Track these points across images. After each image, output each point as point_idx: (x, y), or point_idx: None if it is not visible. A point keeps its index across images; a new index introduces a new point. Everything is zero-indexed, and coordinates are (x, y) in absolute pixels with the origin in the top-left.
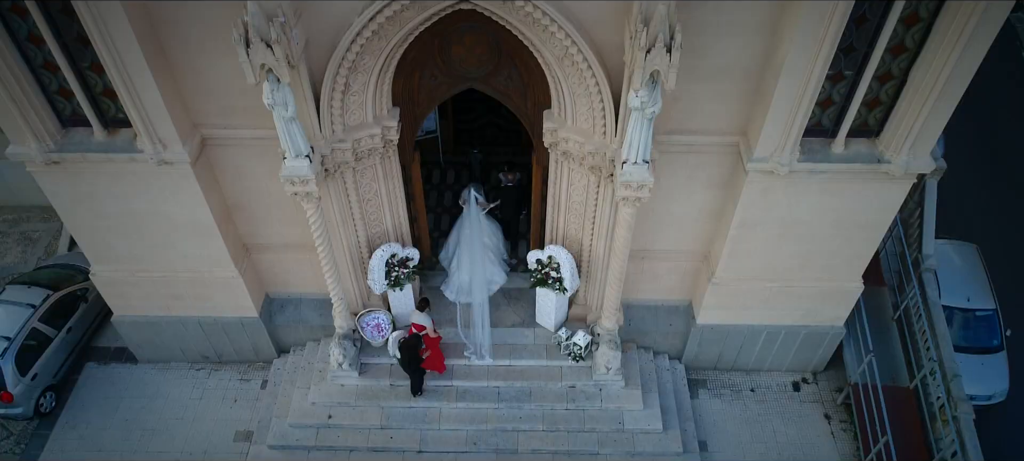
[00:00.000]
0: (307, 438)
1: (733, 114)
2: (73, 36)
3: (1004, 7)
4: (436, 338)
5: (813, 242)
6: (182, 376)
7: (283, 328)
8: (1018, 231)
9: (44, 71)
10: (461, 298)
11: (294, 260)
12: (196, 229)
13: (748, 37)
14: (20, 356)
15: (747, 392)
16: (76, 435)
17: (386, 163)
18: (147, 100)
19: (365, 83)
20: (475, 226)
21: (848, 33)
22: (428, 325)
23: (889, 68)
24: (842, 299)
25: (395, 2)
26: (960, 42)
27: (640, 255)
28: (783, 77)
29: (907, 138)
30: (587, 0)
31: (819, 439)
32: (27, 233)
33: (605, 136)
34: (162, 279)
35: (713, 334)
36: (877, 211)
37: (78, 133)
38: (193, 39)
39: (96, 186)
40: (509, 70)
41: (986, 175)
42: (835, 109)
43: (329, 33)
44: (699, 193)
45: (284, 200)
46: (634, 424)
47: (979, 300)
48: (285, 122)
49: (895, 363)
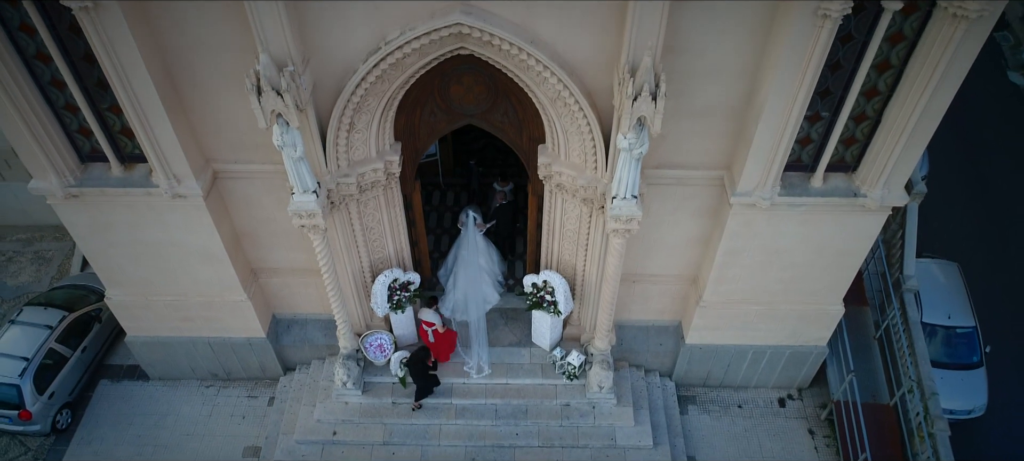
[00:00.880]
0: (313, 454)
1: (718, 150)
2: (93, 80)
3: (970, 55)
4: (446, 333)
5: (795, 269)
6: (192, 393)
7: (289, 348)
8: (999, 250)
9: (65, 111)
10: (457, 315)
11: (300, 283)
12: (207, 256)
13: (730, 81)
14: (38, 375)
15: (735, 408)
16: (91, 451)
17: (388, 194)
18: (162, 138)
19: (369, 121)
20: (472, 247)
21: (824, 78)
22: (436, 322)
23: (864, 109)
24: (824, 321)
25: (398, 50)
26: (929, 86)
27: (632, 278)
28: (763, 118)
29: (882, 173)
30: (578, 47)
31: (803, 454)
32: (40, 252)
33: (596, 171)
34: (174, 302)
35: (702, 353)
36: (855, 240)
37: (96, 168)
38: (205, 81)
39: (113, 217)
40: (505, 108)
41: (970, 194)
42: (814, 146)
43: (335, 77)
44: (687, 222)
45: (290, 228)
46: (626, 440)
47: (959, 318)
48: (294, 161)
49: (876, 381)
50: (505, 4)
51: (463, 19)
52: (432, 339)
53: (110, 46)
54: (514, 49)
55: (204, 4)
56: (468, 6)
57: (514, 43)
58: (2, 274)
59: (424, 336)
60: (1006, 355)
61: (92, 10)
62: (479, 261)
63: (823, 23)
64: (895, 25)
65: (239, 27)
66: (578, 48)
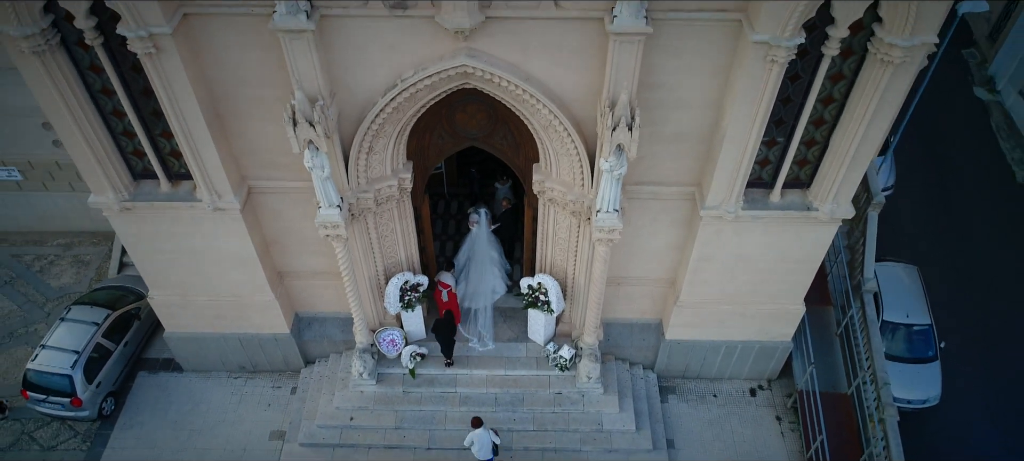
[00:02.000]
0: (332, 437)
1: (689, 169)
2: (149, 110)
3: (899, 92)
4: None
5: (760, 273)
6: (222, 384)
7: (310, 342)
8: (958, 253)
9: (122, 136)
10: (466, 303)
11: (320, 285)
12: (240, 261)
13: (697, 112)
14: (87, 367)
15: (710, 397)
16: (133, 435)
17: (401, 206)
18: (207, 159)
19: (385, 145)
20: (484, 243)
21: (777, 110)
22: (451, 283)
23: (813, 136)
24: (788, 319)
25: (412, 86)
26: (866, 118)
27: (616, 281)
28: (726, 143)
29: (831, 190)
30: (566, 83)
31: (771, 438)
32: (79, 256)
33: (583, 188)
34: (209, 302)
35: (680, 348)
36: (810, 248)
37: (147, 185)
38: (244, 111)
39: (159, 227)
40: (504, 132)
41: (934, 201)
42: (772, 167)
43: (357, 108)
44: (664, 231)
45: (313, 236)
46: (611, 425)
47: (917, 316)
48: (322, 180)
49: (836, 373)
50: (504, 48)
51: (468, 61)
52: (445, 298)
53: (167, 83)
54: (511, 85)
55: (247, 48)
56: (472, 50)
57: (511, 80)
58: (45, 276)
59: (438, 295)
60: (959, 350)
61: (155, 55)
62: (492, 253)
63: (772, 66)
64: (835, 67)
65: (275, 66)
66: (566, 84)
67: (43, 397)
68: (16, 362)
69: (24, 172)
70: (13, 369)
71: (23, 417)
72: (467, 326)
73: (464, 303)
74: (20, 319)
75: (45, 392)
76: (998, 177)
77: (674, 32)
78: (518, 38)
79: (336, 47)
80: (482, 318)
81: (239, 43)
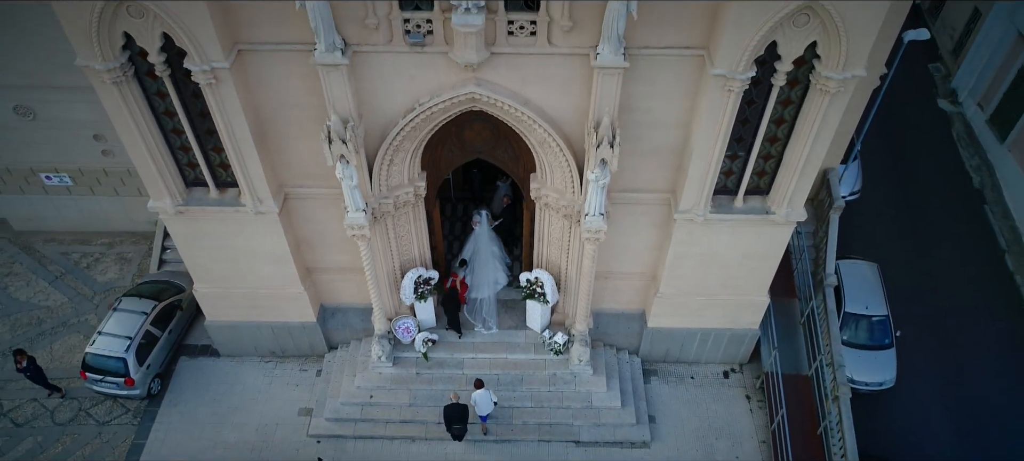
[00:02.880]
0: (354, 413)
1: (664, 178)
2: (204, 129)
3: (837, 115)
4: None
5: (727, 268)
6: (255, 367)
7: (333, 330)
8: (918, 252)
9: (179, 150)
10: (471, 293)
11: (343, 279)
12: (275, 258)
13: (670, 130)
14: (138, 351)
15: (688, 379)
16: (177, 411)
17: (416, 210)
18: (251, 171)
19: (404, 158)
20: (486, 240)
21: (737, 128)
22: (462, 274)
23: (769, 150)
24: (754, 309)
25: (427, 109)
26: (810, 137)
27: (604, 275)
28: (694, 157)
29: (785, 197)
30: (558, 107)
31: (741, 415)
32: (122, 254)
33: (573, 194)
34: (246, 294)
35: (661, 335)
36: (770, 247)
37: (198, 191)
38: (284, 129)
39: (207, 228)
40: (505, 146)
41: (897, 204)
42: (735, 177)
43: (381, 127)
44: (644, 232)
45: (339, 236)
46: (600, 402)
47: (875, 308)
48: (350, 189)
49: (799, 357)
50: (505, 78)
51: (475, 89)
52: (458, 286)
53: (222, 107)
54: (512, 108)
55: (290, 77)
56: (479, 79)
57: (512, 105)
58: (91, 271)
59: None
60: (914, 339)
61: (214, 84)
62: (493, 249)
63: (729, 94)
64: (784, 93)
65: (312, 92)
66: (558, 108)
67: (100, 377)
68: (69, 348)
69: (74, 178)
70: (68, 355)
71: (79, 396)
72: (473, 314)
73: (470, 293)
74: (71, 310)
75: (102, 373)
76: (957, 182)
77: (648, 65)
78: (518, 70)
79: (365, 77)
80: (486, 306)
81: (283, 73)
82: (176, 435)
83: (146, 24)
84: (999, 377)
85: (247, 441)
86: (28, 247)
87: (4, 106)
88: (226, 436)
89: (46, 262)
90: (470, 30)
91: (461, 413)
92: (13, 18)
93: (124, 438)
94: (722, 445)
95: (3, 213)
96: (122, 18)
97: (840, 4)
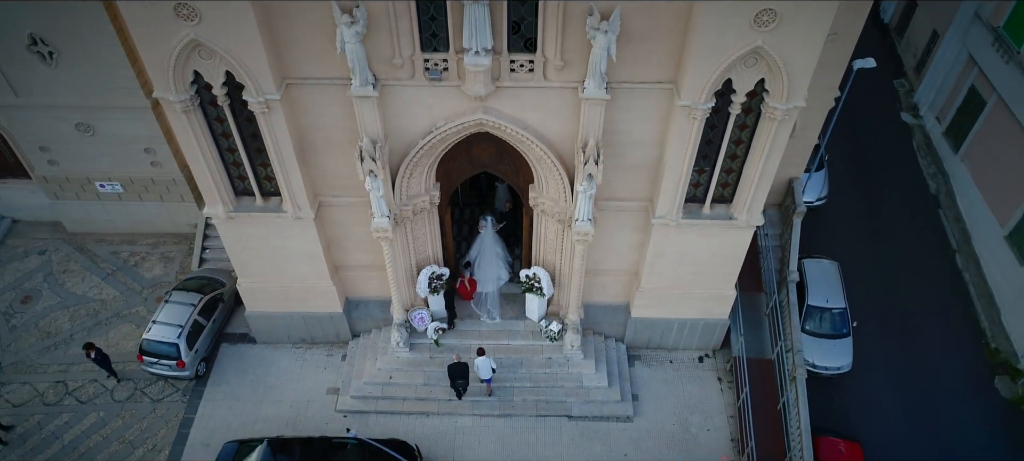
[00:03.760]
0: (375, 391)
1: (643, 189)
2: (254, 148)
3: (784, 137)
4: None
5: (699, 266)
6: (287, 352)
7: (357, 319)
8: (877, 251)
9: (231, 165)
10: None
11: (366, 275)
12: (309, 257)
13: (646, 149)
14: (188, 337)
15: (667, 363)
16: (221, 390)
17: (430, 216)
18: (293, 183)
19: (421, 172)
20: (490, 242)
21: (703, 147)
22: (468, 274)
23: (730, 166)
24: (724, 301)
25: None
26: (763, 156)
27: (593, 272)
28: (667, 171)
29: (745, 204)
30: (552, 129)
31: (713, 393)
32: (165, 253)
33: (566, 202)
34: (282, 288)
35: (643, 324)
36: (734, 247)
37: (245, 199)
38: (321, 148)
39: (252, 231)
40: (508, 161)
41: (861, 208)
42: (703, 188)
43: (403, 146)
44: (627, 234)
45: (363, 238)
46: (589, 382)
47: (835, 301)
48: (377, 198)
49: (763, 343)
50: (508, 106)
51: (483, 116)
52: (467, 285)
53: (272, 131)
54: (513, 131)
55: (328, 105)
56: (486, 107)
57: (513, 128)
58: (139, 269)
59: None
60: (870, 329)
61: (267, 112)
62: (496, 249)
63: (693, 121)
64: (740, 119)
65: (346, 118)
66: (552, 130)
67: (155, 360)
68: (124, 336)
69: (125, 186)
70: (122, 341)
71: (135, 378)
72: (479, 306)
73: (476, 288)
74: (124, 303)
75: (157, 357)
76: (915, 189)
77: (626, 96)
78: (518, 100)
79: (390, 106)
80: (490, 299)
81: (323, 102)
82: (221, 410)
83: (213, 64)
84: (945, 363)
85: (283, 416)
86: (81, 247)
87: (68, 123)
88: (264, 411)
89: (98, 260)
90: (479, 69)
91: (463, 370)
92: (83, 52)
93: (176, 413)
94: (695, 419)
95: (59, 216)
96: (194, 59)
97: (780, 49)
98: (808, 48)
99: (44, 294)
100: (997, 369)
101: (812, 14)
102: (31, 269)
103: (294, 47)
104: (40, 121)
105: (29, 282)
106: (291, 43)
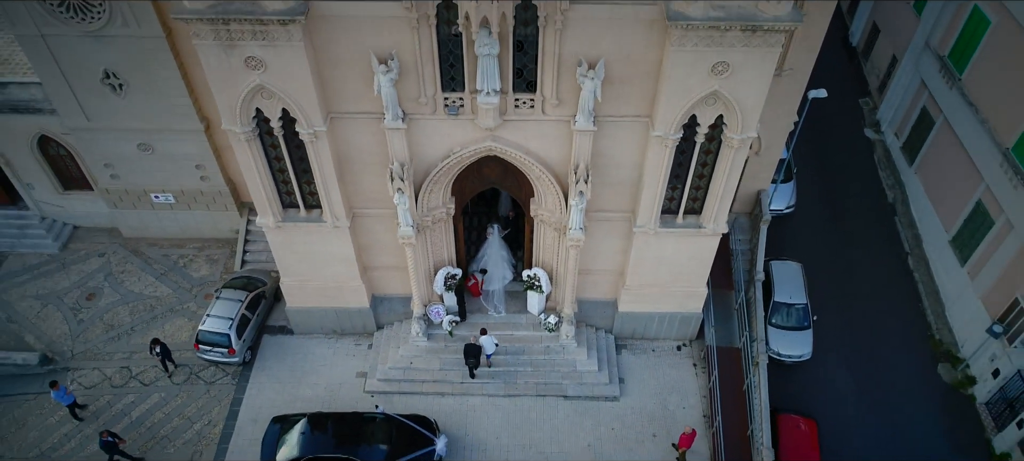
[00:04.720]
0: (398, 375)
1: (626, 202)
2: (301, 168)
3: (740, 161)
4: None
5: (676, 267)
6: (321, 342)
7: (381, 314)
8: (838, 254)
9: (281, 182)
10: (484, 287)
11: (390, 275)
12: (343, 259)
13: (628, 169)
14: (237, 328)
15: (650, 351)
16: (265, 375)
17: (446, 224)
18: (332, 198)
19: (440, 188)
20: (496, 246)
21: (676, 168)
22: (479, 276)
23: (698, 184)
24: (697, 298)
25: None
26: (724, 176)
27: (586, 272)
28: (645, 188)
29: (712, 215)
30: (550, 153)
31: (689, 377)
32: (210, 256)
33: (561, 213)
34: (318, 286)
35: (628, 317)
36: (704, 251)
37: (291, 211)
38: (357, 168)
39: (296, 238)
40: (512, 178)
41: (825, 216)
42: (676, 201)
43: (425, 167)
44: (613, 241)
45: (390, 244)
46: (582, 367)
47: (797, 297)
48: (403, 211)
49: (732, 334)
50: (513, 135)
51: (492, 143)
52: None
53: (318, 155)
54: (517, 155)
55: (363, 133)
56: (495, 136)
57: (517, 153)
58: (188, 269)
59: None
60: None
61: (314, 141)
62: (502, 253)
63: (665, 148)
64: (705, 146)
65: (378, 144)
66: (550, 154)
67: (210, 348)
68: (177, 328)
69: (176, 197)
70: (177, 333)
71: (190, 364)
72: (487, 301)
73: (485, 286)
74: (176, 299)
75: (211, 345)
76: (875, 198)
77: (610, 127)
78: (521, 131)
79: (415, 135)
80: (497, 296)
81: (359, 131)
82: (266, 392)
83: (272, 103)
84: (895, 352)
85: (319, 396)
86: (136, 250)
87: (130, 144)
88: (303, 392)
89: (151, 262)
90: (490, 106)
91: (476, 351)
92: (148, 83)
93: (227, 394)
94: (673, 399)
95: (116, 223)
96: (257, 99)
97: (734, 91)
98: (756, 90)
99: (106, 292)
100: (940, 358)
101: (757, 64)
102: (93, 270)
103: (338, 88)
104: (106, 142)
105: (92, 281)
106: (336, 85)
